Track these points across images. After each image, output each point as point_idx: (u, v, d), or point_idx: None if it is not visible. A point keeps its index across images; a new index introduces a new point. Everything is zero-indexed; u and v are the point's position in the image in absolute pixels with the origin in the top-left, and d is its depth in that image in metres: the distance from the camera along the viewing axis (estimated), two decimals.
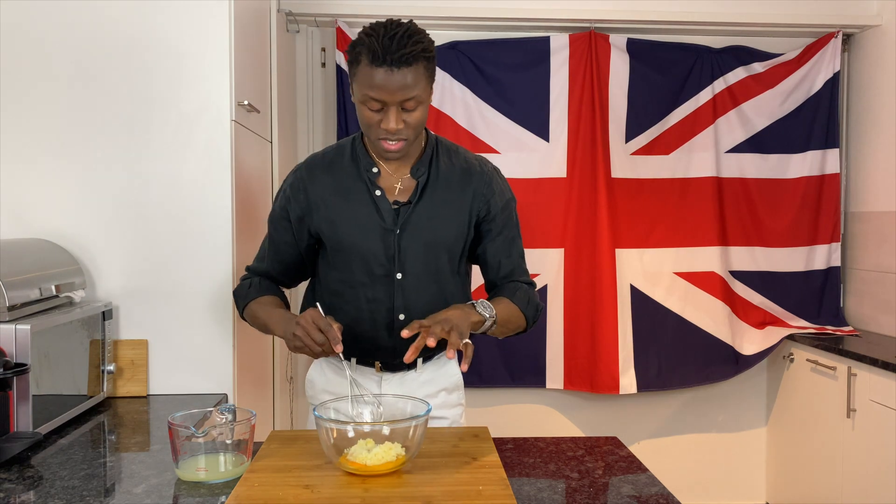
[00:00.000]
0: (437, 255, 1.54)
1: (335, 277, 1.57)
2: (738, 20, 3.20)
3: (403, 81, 1.35)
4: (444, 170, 1.55)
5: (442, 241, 1.54)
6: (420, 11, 3.10)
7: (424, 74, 1.38)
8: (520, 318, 1.56)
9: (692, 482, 3.41)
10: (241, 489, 1.19)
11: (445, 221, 1.54)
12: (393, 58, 1.33)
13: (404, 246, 1.52)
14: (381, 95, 1.36)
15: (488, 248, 1.59)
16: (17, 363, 1.51)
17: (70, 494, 1.25)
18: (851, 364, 2.72)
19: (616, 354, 3.15)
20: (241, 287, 1.65)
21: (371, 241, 1.52)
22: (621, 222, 3.23)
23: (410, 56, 1.34)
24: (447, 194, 1.54)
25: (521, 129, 3.20)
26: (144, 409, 1.85)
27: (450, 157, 1.58)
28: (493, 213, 1.57)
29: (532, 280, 1.65)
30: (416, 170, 1.53)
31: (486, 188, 1.57)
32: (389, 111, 1.38)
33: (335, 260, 1.56)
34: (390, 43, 1.34)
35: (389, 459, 1.23)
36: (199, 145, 1.99)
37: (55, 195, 1.97)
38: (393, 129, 1.39)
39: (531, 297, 1.58)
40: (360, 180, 1.53)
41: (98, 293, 1.99)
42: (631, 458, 1.45)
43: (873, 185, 3.23)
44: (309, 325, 1.35)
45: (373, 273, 1.53)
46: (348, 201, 1.53)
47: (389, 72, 1.34)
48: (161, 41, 1.97)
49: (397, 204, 1.52)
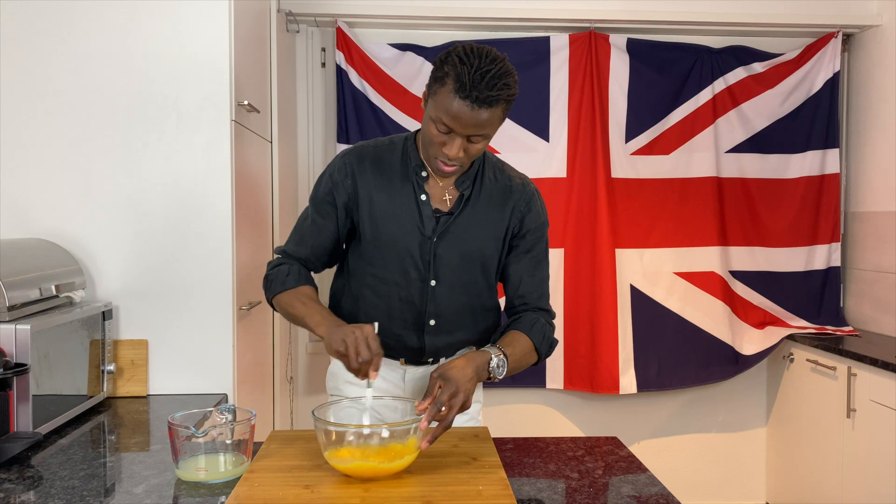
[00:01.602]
0: (471, 267, 1.56)
1: (370, 272, 1.57)
2: (738, 20, 3.20)
3: (480, 120, 1.35)
4: (487, 185, 1.56)
5: (477, 254, 1.55)
6: (420, 11, 3.10)
7: (500, 116, 1.38)
8: (532, 356, 1.57)
9: (692, 482, 3.41)
10: (241, 489, 1.19)
11: (482, 236, 1.55)
12: (480, 96, 1.32)
13: (440, 254, 1.53)
14: (453, 125, 1.36)
15: (512, 264, 1.60)
16: (17, 363, 1.51)
17: (70, 494, 1.25)
18: (851, 364, 2.72)
19: (616, 354, 3.14)
20: (279, 272, 1.57)
21: (409, 245, 1.52)
22: (621, 222, 3.23)
23: (494, 99, 1.34)
24: (487, 210, 1.55)
25: (520, 129, 3.20)
26: (144, 409, 1.85)
27: (495, 174, 1.58)
28: (524, 230, 1.58)
29: (551, 310, 1.64)
30: (462, 182, 1.54)
31: (524, 206, 1.58)
32: (455, 139, 1.39)
33: (372, 255, 1.55)
34: (480, 80, 1.32)
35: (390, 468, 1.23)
36: (199, 145, 1.99)
37: (55, 195, 1.97)
38: (453, 157, 1.40)
39: (547, 333, 1.58)
40: (408, 181, 1.53)
41: (98, 293, 1.99)
42: (631, 458, 1.45)
43: (873, 185, 3.23)
44: (361, 341, 1.32)
45: (408, 275, 1.54)
46: (392, 200, 1.53)
47: (470, 108, 1.33)
48: (161, 41, 1.97)
49: (439, 213, 1.53)
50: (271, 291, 1.58)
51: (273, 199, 2.63)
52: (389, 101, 3.13)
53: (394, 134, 1.64)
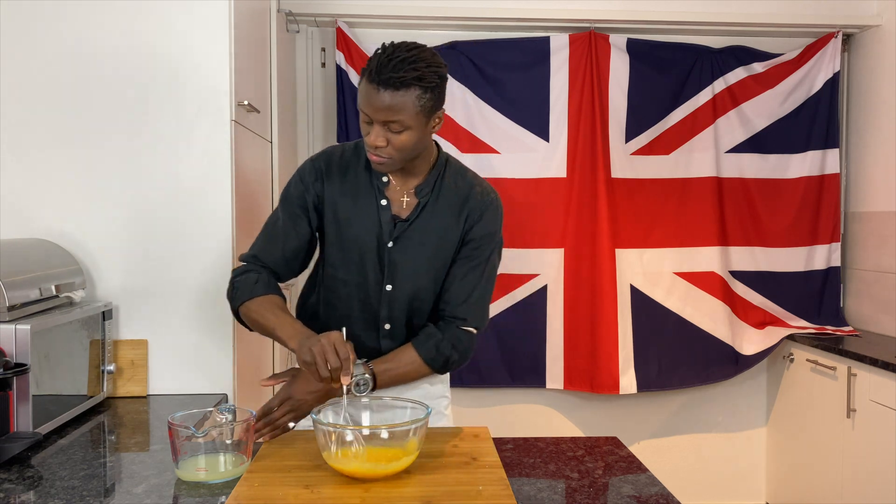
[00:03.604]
0: (424, 275, 1.55)
1: (331, 274, 1.58)
2: (738, 20, 3.20)
3: (386, 103, 1.36)
4: (446, 193, 1.55)
5: (430, 261, 1.55)
6: (420, 11, 3.10)
7: (415, 102, 1.37)
8: (423, 369, 1.54)
9: (692, 482, 3.41)
10: (241, 489, 1.19)
11: (437, 244, 1.55)
12: (381, 78, 1.35)
13: (395, 260, 1.54)
14: (367, 110, 1.39)
15: (450, 270, 1.57)
16: (17, 363, 1.51)
17: (70, 494, 1.25)
18: (851, 364, 2.72)
19: (616, 354, 3.14)
20: (246, 280, 1.52)
21: (368, 248, 1.53)
22: (621, 222, 3.23)
23: (398, 81, 1.34)
24: (443, 218, 1.55)
25: (521, 129, 3.20)
26: (144, 409, 1.85)
27: (455, 181, 1.57)
28: (470, 237, 1.56)
29: (471, 318, 1.56)
30: (421, 189, 1.54)
31: (476, 214, 1.55)
32: (374, 127, 1.40)
33: (335, 258, 1.56)
34: (387, 63, 1.35)
35: (389, 470, 1.23)
36: (199, 145, 1.99)
37: (55, 195, 1.97)
38: (373, 144, 1.41)
39: (441, 348, 1.53)
40: (371, 187, 1.54)
41: (98, 293, 1.99)
42: (631, 458, 1.45)
43: (873, 185, 3.23)
44: (329, 347, 1.30)
45: (367, 278, 1.55)
46: (355, 204, 1.54)
47: (375, 90, 1.35)
48: (161, 41, 1.97)
49: (396, 218, 1.54)
50: (237, 300, 1.52)
51: (273, 199, 2.63)
52: None
53: None
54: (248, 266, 1.56)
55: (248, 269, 1.55)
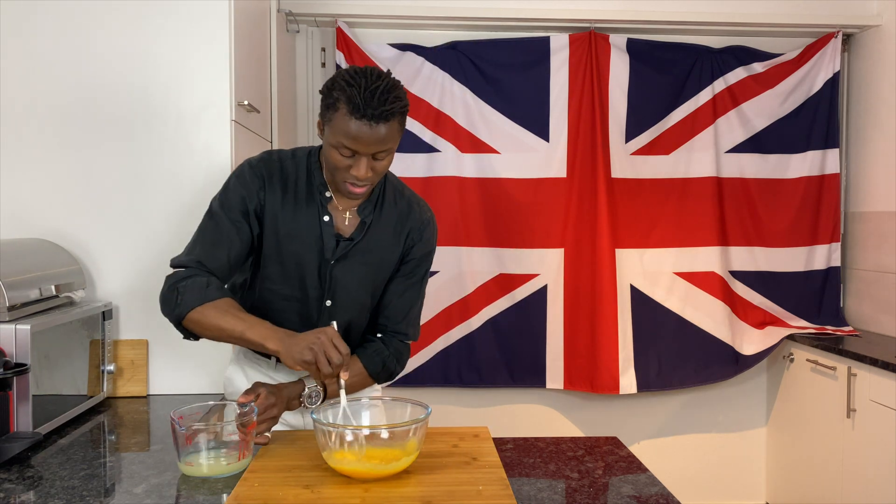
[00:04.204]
0: (364, 291, 1.57)
1: (268, 286, 1.55)
2: (738, 20, 3.20)
3: (380, 136, 1.36)
4: (387, 211, 1.57)
5: (371, 280, 1.57)
6: (420, 11, 3.10)
7: (398, 129, 1.40)
8: (367, 381, 1.60)
9: (692, 482, 3.41)
10: (241, 489, 1.19)
11: (378, 262, 1.57)
12: (374, 113, 1.34)
13: (336, 276, 1.53)
14: (356, 146, 1.37)
15: (388, 287, 1.61)
16: (17, 363, 1.51)
17: (70, 494, 1.25)
18: (851, 364, 2.72)
19: (616, 354, 3.15)
20: (195, 283, 1.42)
21: (309, 264, 1.52)
22: (621, 222, 3.23)
23: (390, 113, 1.36)
24: (386, 237, 1.57)
25: (521, 129, 3.20)
26: (144, 409, 1.85)
27: (395, 199, 1.59)
28: (411, 256, 1.60)
29: (411, 332, 1.64)
30: (364, 209, 1.54)
31: (416, 234, 1.59)
32: (361, 160, 1.39)
33: (272, 270, 1.54)
34: (371, 97, 1.34)
35: (389, 470, 1.23)
36: (199, 145, 1.99)
37: (55, 195, 1.97)
38: (362, 177, 1.41)
39: (387, 363, 1.60)
40: (313, 201, 1.52)
41: (98, 293, 1.99)
42: (631, 458, 1.45)
43: (873, 185, 3.23)
44: (328, 343, 1.31)
45: (307, 293, 1.54)
46: (296, 219, 1.51)
47: (368, 126, 1.35)
48: (161, 41, 1.97)
49: (339, 237, 1.53)
50: (185, 305, 1.41)
51: None
52: None
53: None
54: (192, 271, 1.46)
55: (194, 274, 1.45)
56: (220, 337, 1.43)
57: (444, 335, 3.20)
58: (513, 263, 3.21)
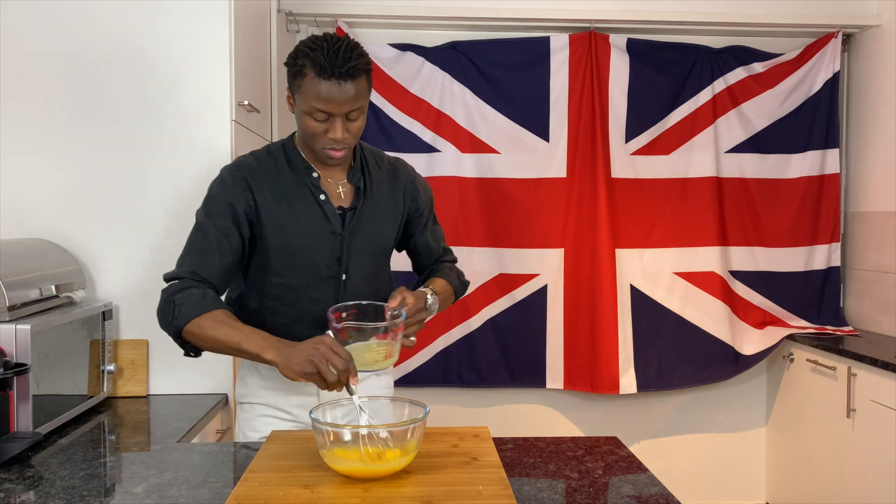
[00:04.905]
0: (376, 255, 1.62)
1: (275, 282, 1.54)
2: (738, 20, 3.20)
3: (350, 93, 1.40)
4: (374, 173, 1.62)
5: (382, 241, 1.63)
6: (420, 11, 3.10)
7: (366, 86, 1.45)
8: (451, 298, 1.71)
9: (692, 482, 3.41)
10: (241, 489, 1.19)
11: (384, 223, 1.62)
12: (340, 71, 1.38)
13: (350, 248, 1.56)
14: (328, 107, 1.41)
15: (419, 240, 1.73)
16: (17, 363, 1.52)
17: (70, 494, 1.25)
18: (851, 364, 2.72)
19: (616, 354, 3.15)
20: (190, 295, 1.42)
21: (319, 245, 1.53)
22: (621, 222, 3.23)
23: (355, 69, 1.40)
24: (383, 196, 1.62)
25: (521, 129, 3.20)
26: (144, 409, 1.85)
27: (376, 161, 1.65)
28: (421, 209, 1.70)
29: (455, 257, 1.81)
30: (353, 175, 1.57)
31: (411, 187, 1.67)
32: (336, 122, 1.43)
33: (278, 265, 1.53)
34: (336, 56, 1.39)
35: (388, 470, 1.23)
36: (199, 145, 2.00)
37: (55, 195, 1.97)
38: (340, 139, 1.44)
39: (461, 276, 1.76)
40: (303, 185, 1.53)
41: (98, 293, 1.99)
42: (631, 458, 1.45)
43: (873, 185, 3.23)
44: (328, 351, 1.30)
45: (319, 275, 1.55)
46: (293, 208, 1.52)
47: (337, 84, 1.39)
48: (161, 41, 1.97)
49: (341, 209, 1.55)
50: (182, 317, 1.40)
51: None
52: (389, 102, 3.13)
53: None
54: (186, 283, 1.45)
55: (188, 286, 1.44)
56: (218, 349, 1.42)
57: (444, 335, 3.20)
58: (513, 263, 3.21)
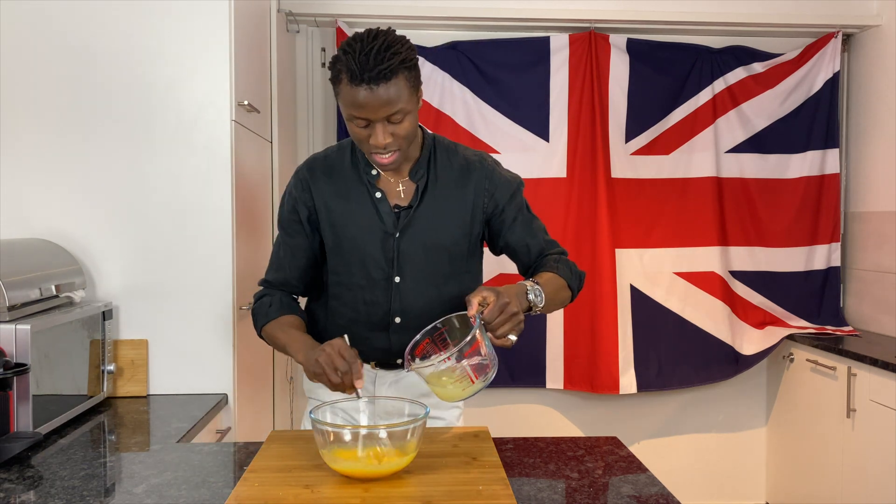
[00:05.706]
0: (436, 257, 1.53)
1: (334, 280, 1.56)
2: (738, 20, 3.20)
3: (385, 97, 1.32)
4: (442, 171, 1.54)
5: (442, 243, 1.53)
6: (420, 11, 3.10)
7: (406, 85, 1.35)
8: (565, 291, 1.55)
9: (692, 482, 3.41)
10: (241, 489, 1.19)
11: (446, 223, 1.53)
12: (371, 75, 1.30)
13: (403, 249, 1.51)
14: (364, 114, 1.34)
15: (510, 238, 1.59)
16: (17, 363, 1.52)
17: (70, 494, 1.25)
18: (851, 364, 2.72)
19: (616, 354, 3.14)
20: (262, 304, 1.57)
21: (370, 245, 1.51)
22: (621, 222, 3.23)
23: (388, 71, 1.31)
24: (447, 196, 1.53)
25: (521, 129, 3.20)
26: (144, 409, 1.85)
27: (448, 157, 1.56)
28: (500, 205, 1.57)
29: (564, 249, 1.64)
30: (415, 172, 1.52)
31: (487, 183, 1.55)
32: (376, 127, 1.36)
33: (335, 263, 1.55)
34: (367, 60, 1.30)
35: (388, 470, 1.23)
36: (199, 145, 1.99)
37: (55, 195, 1.97)
38: (381, 145, 1.38)
39: (573, 268, 1.58)
40: (361, 183, 1.52)
41: (98, 293, 1.99)
42: (631, 458, 1.45)
43: (873, 185, 3.23)
44: (334, 353, 1.31)
45: (371, 276, 1.52)
46: (349, 204, 1.52)
47: (369, 90, 1.31)
48: (161, 41, 1.97)
49: (398, 208, 1.51)
50: (258, 325, 1.57)
51: (273, 199, 2.63)
52: None
53: None
54: (263, 291, 1.60)
55: (263, 294, 1.59)
56: (281, 351, 1.54)
57: None
58: (512, 263, 3.21)
